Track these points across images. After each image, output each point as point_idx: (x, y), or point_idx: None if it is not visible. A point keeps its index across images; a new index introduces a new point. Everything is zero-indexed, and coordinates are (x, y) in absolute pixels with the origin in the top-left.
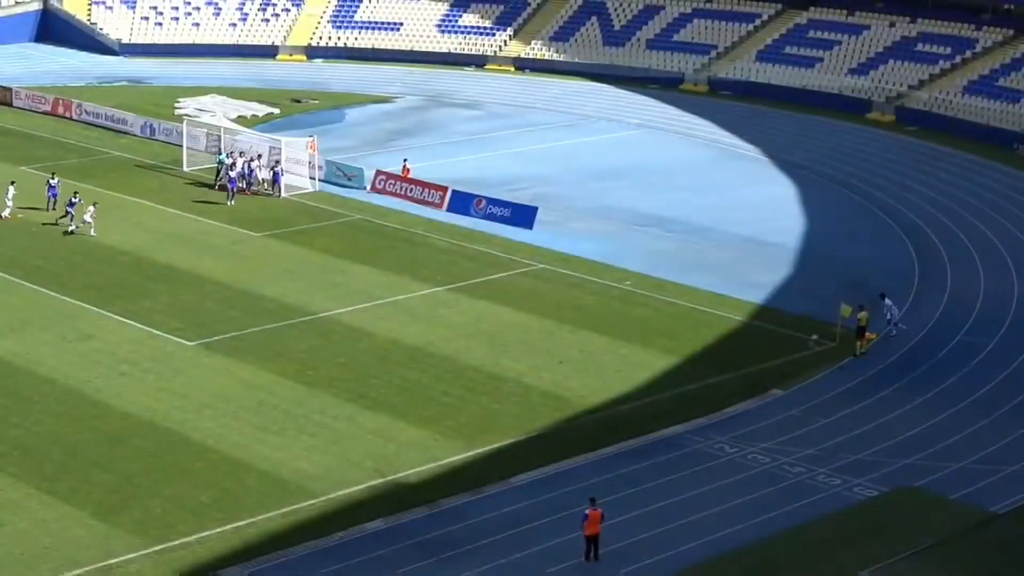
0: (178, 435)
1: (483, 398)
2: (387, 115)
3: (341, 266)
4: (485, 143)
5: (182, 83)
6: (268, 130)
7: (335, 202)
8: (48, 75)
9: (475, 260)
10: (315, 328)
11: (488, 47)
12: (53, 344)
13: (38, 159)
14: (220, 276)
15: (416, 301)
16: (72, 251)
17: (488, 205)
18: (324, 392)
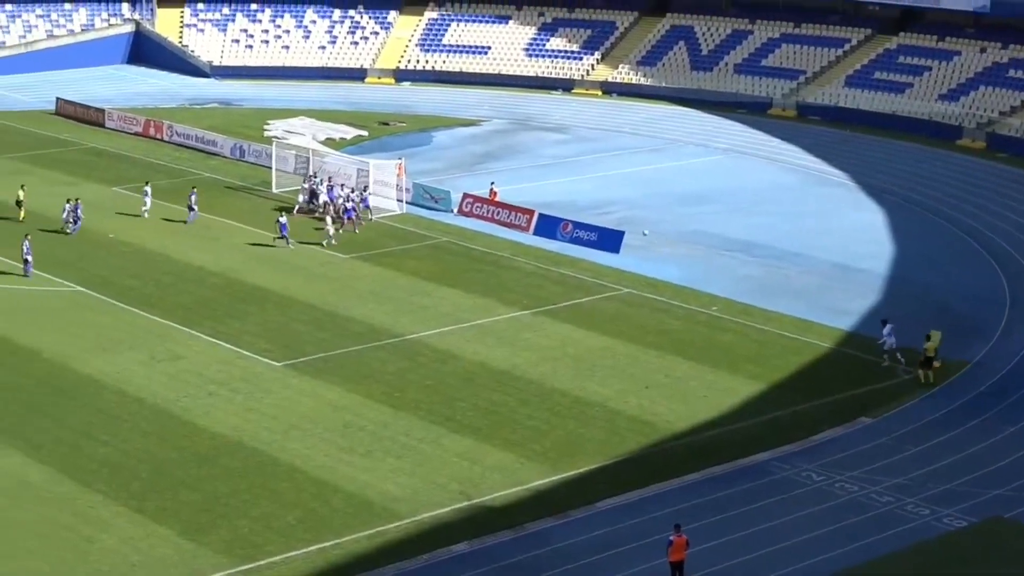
0: (266, 456)
1: (569, 422)
2: (474, 138)
3: (428, 288)
4: (572, 167)
5: (272, 105)
6: (356, 153)
7: (422, 224)
8: (140, 97)
9: (561, 284)
10: (402, 350)
11: (575, 71)
12: (143, 363)
13: (129, 180)
14: (308, 297)
15: (502, 324)
16: (163, 271)
17: (575, 229)
18: (410, 414)
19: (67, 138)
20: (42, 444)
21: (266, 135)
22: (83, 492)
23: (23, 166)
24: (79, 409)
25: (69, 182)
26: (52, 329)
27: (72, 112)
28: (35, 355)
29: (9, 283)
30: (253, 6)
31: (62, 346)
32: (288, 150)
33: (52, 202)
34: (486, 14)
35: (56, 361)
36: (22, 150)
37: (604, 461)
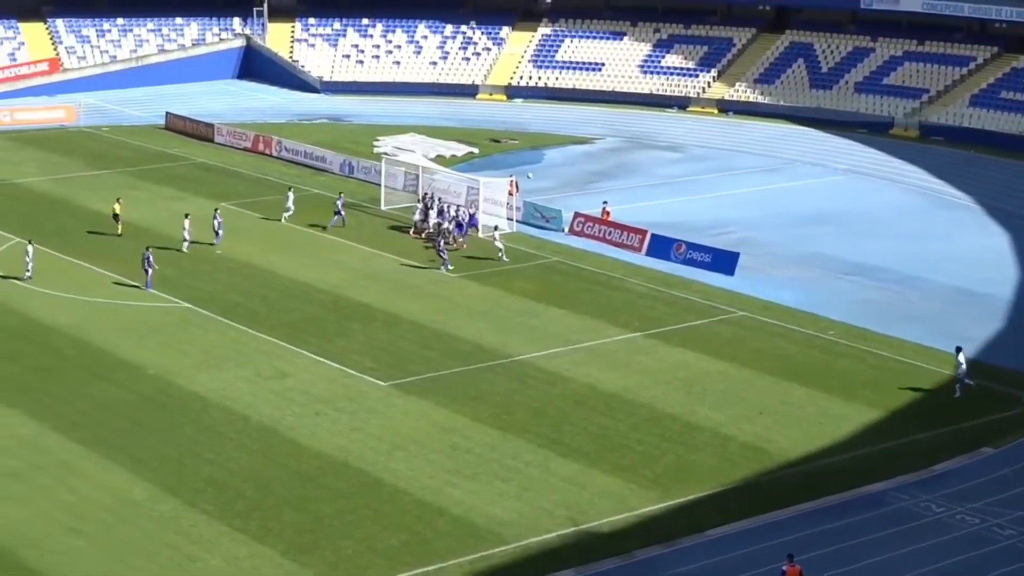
0: (370, 476)
1: (679, 448)
2: (587, 156)
3: (537, 309)
4: (686, 186)
5: (381, 121)
6: (466, 170)
7: (532, 244)
8: (249, 112)
9: (674, 306)
10: (510, 372)
11: (691, 88)
12: (248, 381)
13: (237, 195)
14: (416, 316)
15: (613, 346)
16: (269, 287)
17: (688, 250)
18: (518, 437)
19: (176, 153)
20: (147, 461)
21: (375, 151)
22: (187, 510)
23: (132, 180)
24: (184, 426)
25: (177, 197)
26: (158, 345)
27: (182, 127)
28: (140, 371)
29: (115, 298)
30: (364, 21)
31: (168, 362)
32: (398, 167)
33: (160, 217)
34: (600, 30)
35: (162, 377)
36: (131, 164)
37: (715, 488)
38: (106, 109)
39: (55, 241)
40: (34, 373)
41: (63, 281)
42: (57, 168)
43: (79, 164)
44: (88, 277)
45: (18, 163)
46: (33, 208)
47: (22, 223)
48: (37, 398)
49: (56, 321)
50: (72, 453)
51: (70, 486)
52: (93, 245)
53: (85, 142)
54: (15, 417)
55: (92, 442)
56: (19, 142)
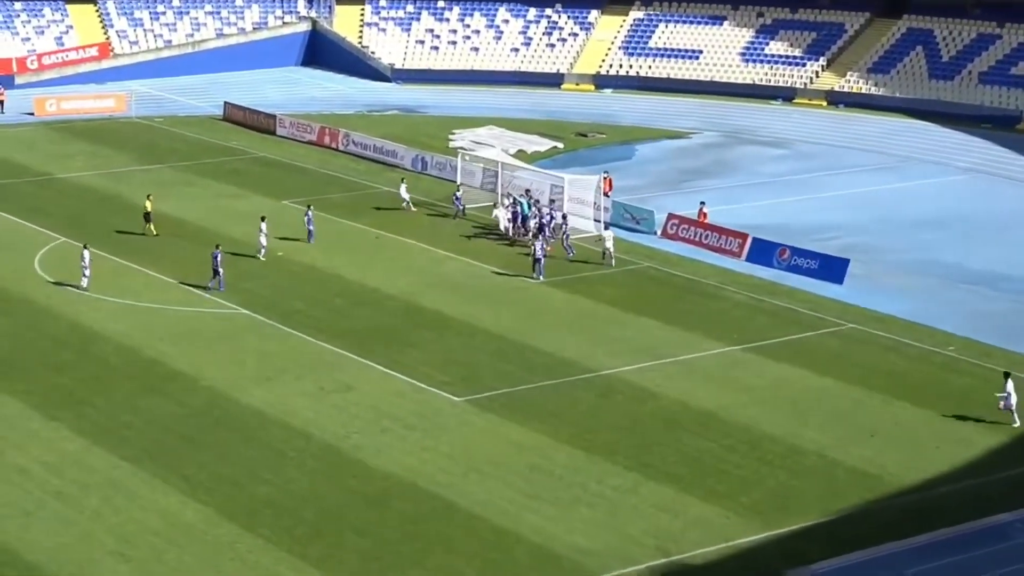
0: (442, 500)
1: (781, 473)
2: (682, 152)
3: (626, 319)
4: (791, 186)
5: (458, 113)
6: (550, 167)
7: (621, 248)
8: (314, 102)
9: (776, 317)
10: (595, 387)
11: (797, 78)
12: (310, 395)
13: (300, 192)
14: (493, 326)
15: (708, 361)
16: (333, 293)
17: (792, 256)
18: (603, 459)
19: (235, 146)
20: (200, 481)
21: (451, 146)
22: (243, 535)
23: (187, 176)
24: (240, 444)
25: (235, 194)
26: (213, 354)
27: (241, 118)
28: (193, 383)
29: (167, 303)
30: (440, 3)
31: (223, 373)
32: (475, 163)
33: (216, 216)
34: (698, 14)
35: (216, 390)
36: (186, 158)
37: (821, 518)
38: (160, 98)
39: (103, 241)
40: (80, 384)
41: (111, 284)
42: (106, 162)
43: (130, 158)
44: (138, 280)
45: (65, 156)
46: (80, 205)
47: (68, 221)
48: (83, 411)
49: (104, 328)
50: (119, 471)
51: (117, 507)
52: (144, 245)
53: (137, 134)
54: (59, 431)
55: (141, 459)
56: (66, 133)
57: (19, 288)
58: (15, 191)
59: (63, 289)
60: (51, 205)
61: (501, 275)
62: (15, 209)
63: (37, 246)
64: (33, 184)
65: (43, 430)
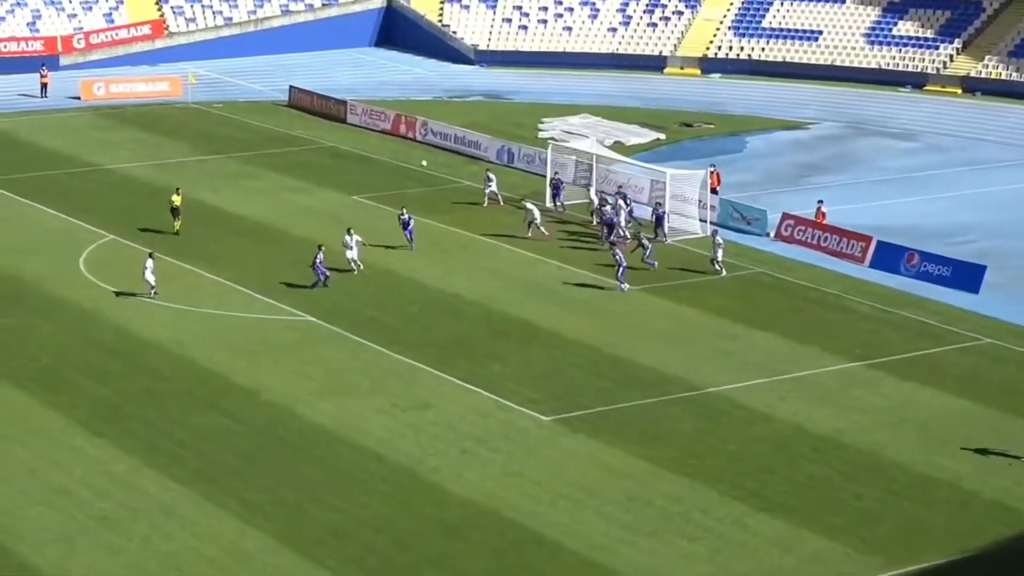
0: (528, 531)
1: (908, 504)
2: (798, 145)
3: (735, 331)
4: (921, 183)
5: (549, 99)
6: (651, 160)
7: (730, 251)
8: (389, 87)
9: (903, 330)
10: (700, 406)
11: (929, 63)
12: (382, 412)
13: (373, 187)
14: (586, 337)
15: (827, 378)
16: (409, 299)
17: (922, 261)
18: (708, 487)
19: (300, 135)
20: (260, 506)
21: (541, 136)
22: (307, 565)
23: (247, 168)
24: (304, 465)
25: (300, 188)
26: (275, 366)
27: (308, 104)
28: (254, 397)
29: (225, 308)
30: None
31: (287, 387)
32: (567, 155)
33: (279, 212)
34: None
35: (279, 405)
36: (247, 148)
37: (954, 555)
38: (218, 81)
39: (154, 239)
40: (128, 398)
41: (164, 288)
42: (159, 152)
43: (185, 147)
44: (194, 283)
45: (113, 145)
46: (129, 199)
47: (115, 217)
48: (132, 428)
49: (155, 335)
50: (171, 494)
51: (168, 533)
52: (199, 244)
53: (193, 121)
54: (106, 450)
55: (195, 481)
56: (115, 120)
57: (62, 291)
58: (58, 184)
59: (110, 292)
60: (97, 199)
61: (594, 280)
62: (58, 204)
63: (82, 245)
64: (78, 176)
65: (88, 448)
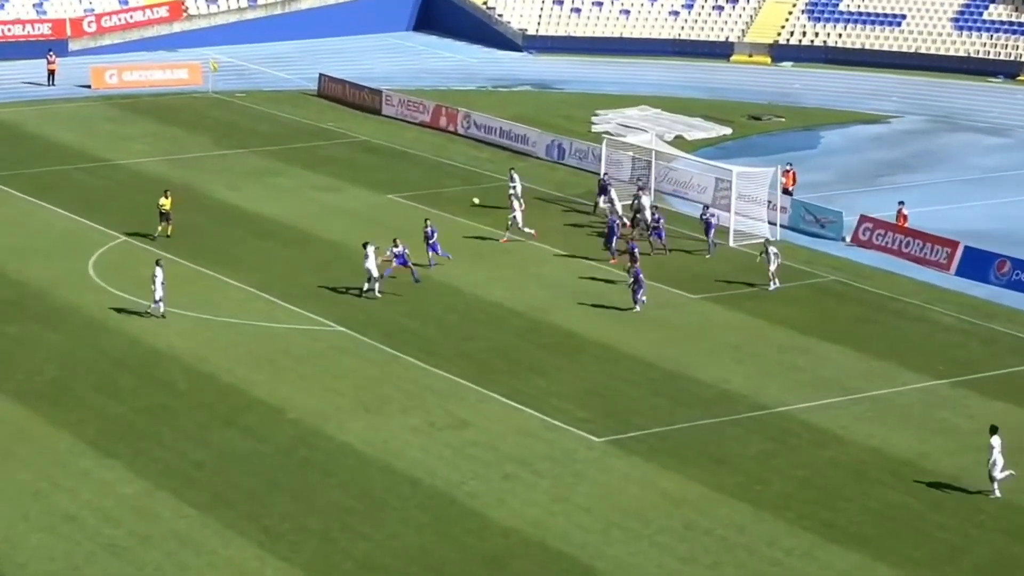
0: (577, 563)
1: (997, 537)
2: (878, 140)
3: (806, 344)
4: (1013, 183)
5: (603, 90)
6: (716, 156)
7: (801, 257)
8: (429, 75)
9: (992, 344)
10: (767, 427)
11: (1023, 50)
12: (418, 431)
13: (410, 185)
14: (640, 350)
15: (908, 397)
16: (447, 308)
17: (1014, 270)
18: (775, 516)
19: (331, 127)
20: (283, 534)
21: (594, 130)
22: None
23: (273, 164)
24: (332, 489)
25: (331, 187)
26: (301, 380)
27: (339, 93)
28: (278, 414)
29: (247, 317)
30: None
31: (313, 403)
32: (623, 151)
33: (307, 212)
34: None
35: (305, 423)
36: (273, 142)
37: None
38: (242, 69)
39: (170, 242)
40: (141, 414)
41: (181, 294)
42: (176, 146)
43: (205, 141)
44: (213, 289)
45: (127, 138)
46: (144, 197)
47: (128, 217)
48: (145, 447)
49: (171, 346)
50: (187, 520)
51: (182, 563)
52: (218, 247)
53: (213, 112)
54: (117, 471)
55: (212, 506)
56: (129, 111)
57: (71, 297)
58: (66, 180)
59: (123, 299)
60: (109, 198)
61: (650, 288)
62: (66, 202)
63: (92, 247)
64: (88, 172)
65: (97, 469)
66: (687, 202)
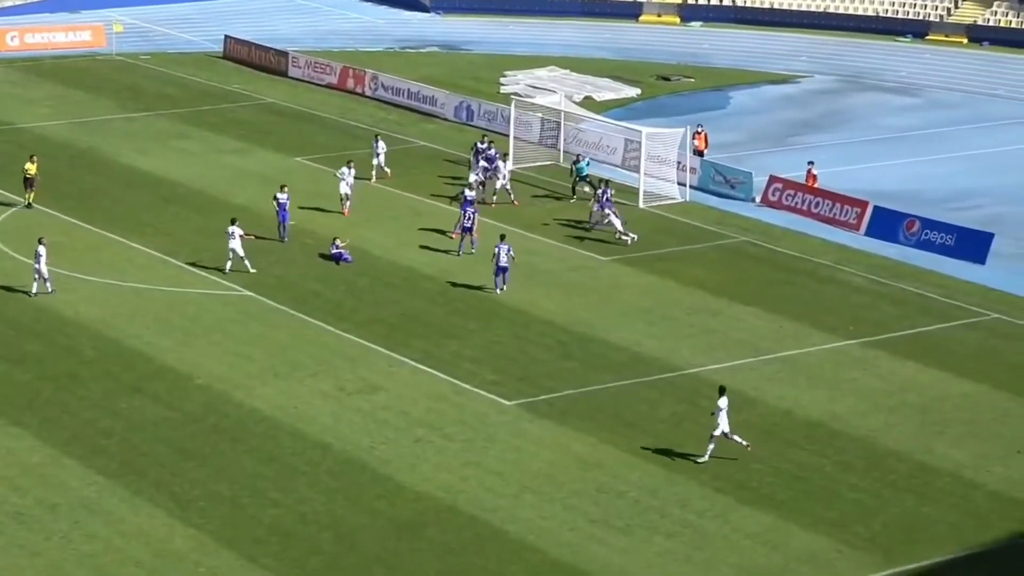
0: (488, 526)
1: (907, 496)
2: (787, 100)
3: (717, 306)
4: (921, 143)
5: (512, 51)
6: (624, 117)
7: (711, 218)
8: (335, 36)
9: (902, 304)
10: (679, 389)
11: (931, 9)
12: (328, 396)
13: (317, 148)
14: (552, 313)
15: (818, 358)
16: (357, 272)
17: (923, 229)
18: (688, 478)
19: (237, 90)
20: (193, 501)
21: (503, 91)
22: (245, 566)
23: (179, 126)
24: (242, 456)
25: (238, 149)
26: (210, 346)
27: (245, 55)
28: (187, 380)
29: (154, 282)
30: None
31: (222, 369)
32: (532, 112)
33: (215, 176)
34: None
35: (214, 390)
36: (179, 105)
37: (956, 552)
38: (146, 31)
39: (76, 206)
40: (48, 382)
41: (87, 259)
42: (80, 109)
43: (109, 104)
44: (120, 254)
45: (29, 101)
46: (49, 163)
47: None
48: (51, 414)
49: (77, 313)
50: (95, 488)
51: (90, 532)
52: (126, 212)
53: (118, 75)
54: (23, 440)
55: (121, 474)
56: (31, 74)
57: None
58: None
59: (28, 265)
60: (12, 162)
61: (561, 250)
62: None
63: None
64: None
65: (2, 438)
66: (597, 164)
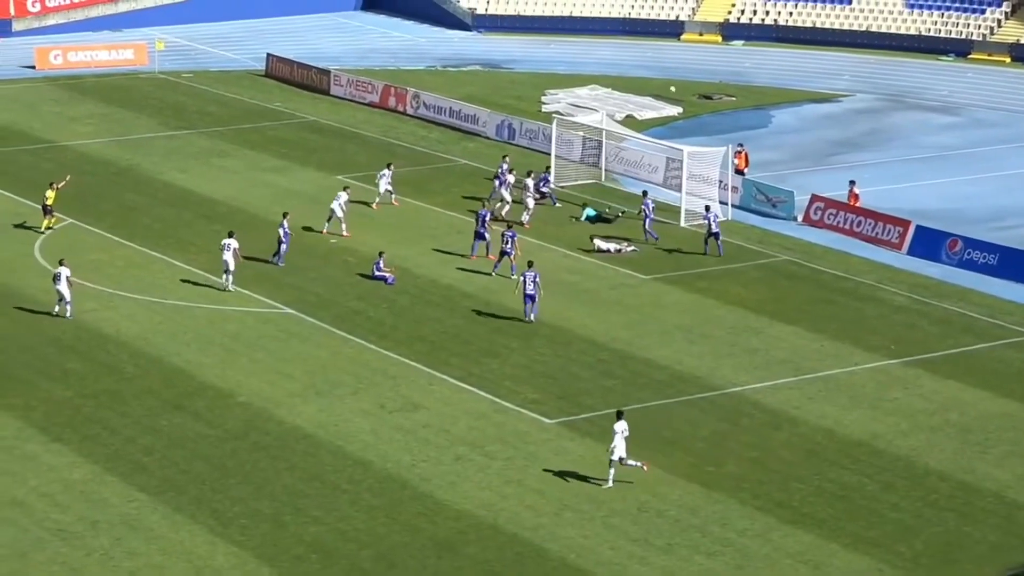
0: (528, 545)
1: (949, 516)
2: (829, 119)
3: (758, 325)
4: (964, 162)
5: (553, 69)
6: (666, 136)
7: (753, 236)
8: (377, 55)
9: (945, 324)
10: (719, 408)
11: (974, 28)
12: (369, 414)
13: (358, 166)
14: (593, 332)
15: (860, 378)
16: (398, 290)
17: (966, 248)
18: (729, 497)
19: (279, 108)
20: (234, 518)
21: (545, 110)
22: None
23: (220, 144)
24: (283, 473)
25: (278, 168)
26: (251, 364)
27: (287, 73)
28: (228, 398)
29: (197, 300)
30: None
31: (264, 387)
32: (574, 131)
33: (255, 195)
34: None
35: (255, 407)
36: (220, 123)
37: (998, 572)
38: (188, 49)
39: (117, 224)
40: (89, 399)
41: (127, 277)
42: (122, 127)
43: (151, 122)
44: (161, 272)
45: (72, 120)
46: (90, 180)
47: (74, 199)
48: (92, 432)
49: (118, 330)
50: (136, 505)
51: (131, 549)
52: (167, 229)
53: (159, 93)
54: (65, 456)
55: (162, 491)
56: (73, 92)
57: (16, 281)
58: (11, 162)
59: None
60: (54, 180)
61: (603, 269)
62: (11, 184)
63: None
64: (32, 153)
65: (44, 454)
66: (638, 182)
